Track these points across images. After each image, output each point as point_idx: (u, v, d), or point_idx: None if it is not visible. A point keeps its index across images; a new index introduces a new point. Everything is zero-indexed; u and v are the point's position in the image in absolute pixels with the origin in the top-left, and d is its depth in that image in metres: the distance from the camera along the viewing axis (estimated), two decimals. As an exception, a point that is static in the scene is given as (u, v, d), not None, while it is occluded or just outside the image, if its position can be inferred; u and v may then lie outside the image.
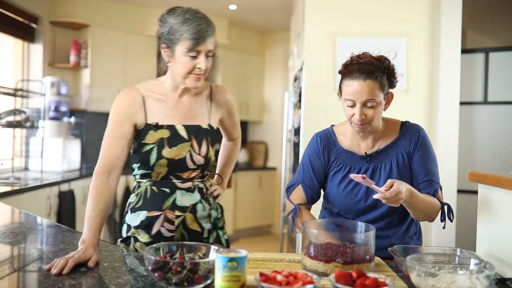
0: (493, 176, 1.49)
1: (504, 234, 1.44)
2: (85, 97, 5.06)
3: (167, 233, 1.61)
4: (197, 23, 1.52)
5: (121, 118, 1.60)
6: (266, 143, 6.66)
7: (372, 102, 1.51)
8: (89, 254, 1.35)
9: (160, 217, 1.60)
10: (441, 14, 3.31)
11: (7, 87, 4.14)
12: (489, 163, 3.39)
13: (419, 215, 1.57)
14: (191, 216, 1.63)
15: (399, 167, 1.61)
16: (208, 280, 1.12)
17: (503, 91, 3.43)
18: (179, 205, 1.61)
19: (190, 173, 1.64)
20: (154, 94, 1.65)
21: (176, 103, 1.65)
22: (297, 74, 3.99)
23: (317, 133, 1.73)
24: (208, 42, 1.54)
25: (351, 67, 1.55)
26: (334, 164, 1.66)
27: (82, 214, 4.24)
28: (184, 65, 1.55)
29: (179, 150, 1.60)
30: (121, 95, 1.65)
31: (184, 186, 1.63)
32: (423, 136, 1.64)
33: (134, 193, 1.68)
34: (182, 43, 1.53)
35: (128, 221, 1.66)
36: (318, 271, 1.23)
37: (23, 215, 2.19)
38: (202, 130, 1.65)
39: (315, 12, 3.44)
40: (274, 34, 6.63)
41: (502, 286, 1.25)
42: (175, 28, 1.54)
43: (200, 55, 1.54)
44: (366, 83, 1.50)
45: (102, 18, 5.15)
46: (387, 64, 1.56)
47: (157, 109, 1.63)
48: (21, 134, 4.46)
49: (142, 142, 1.59)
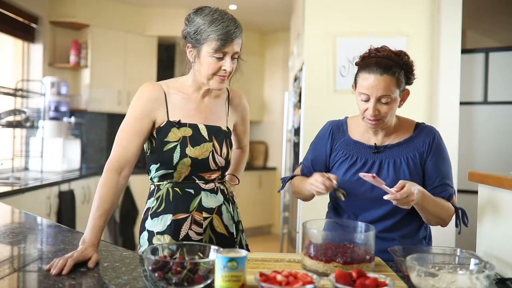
0: (493, 176, 1.49)
1: (504, 234, 1.44)
2: (85, 97, 5.06)
3: (195, 236, 1.56)
4: (225, 23, 1.50)
5: (142, 111, 1.55)
6: (266, 143, 6.66)
7: (387, 98, 1.47)
8: (88, 254, 1.34)
9: (187, 219, 1.56)
10: (441, 14, 3.31)
11: (7, 87, 4.14)
12: (489, 163, 3.39)
13: (431, 219, 1.53)
14: (218, 218, 1.60)
15: (409, 167, 1.55)
16: (208, 280, 1.12)
17: (503, 91, 3.43)
18: (205, 206, 1.59)
19: (211, 174, 1.61)
20: (177, 92, 1.62)
21: (198, 104, 1.63)
22: (297, 74, 3.99)
23: (330, 121, 1.71)
24: (235, 43, 1.51)
25: (368, 60, 1.50)
26: (340, 154, 1.62)
27: (82, 214, 4.25)
28: (209, 66, 1.52)
29: (202, 150, 1.58)
30: (144, 87, 1.59)
31: (208, 187, 1.61)
32: (438, 139, 1.59)
33: (154, 197, 1.60)
34: (209, 43, 1.50)
35: (150, 227, 1.59)
36: (318, 271, 1.23)
37: (23, 215, 2.19)
38: (221, 132, 1.64)
39: (315, 12, 3.44)
40: (274, 34, 6.63)
41: (502, 286, 1.25)
42: (203, 28, 1.51)
43: (226, 57, 1.52)
44: (382, 78, 1.45)
45: (102, 18, 5.15)
46: (406, 60, 1.51)
47: (179, 107, 1.60)
48: (21, 134, 4.46)
49: (164, 140, 1.55)
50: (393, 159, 1.56)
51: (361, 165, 1.57)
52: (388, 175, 1.54)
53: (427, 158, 1.56)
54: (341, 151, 1.62)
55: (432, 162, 1.56)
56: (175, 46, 6.04)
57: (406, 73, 1.51)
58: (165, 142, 1.56)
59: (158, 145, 1.57)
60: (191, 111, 1.61)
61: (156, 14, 5.51)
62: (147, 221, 1.60)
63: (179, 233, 1.56)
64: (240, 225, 1.73)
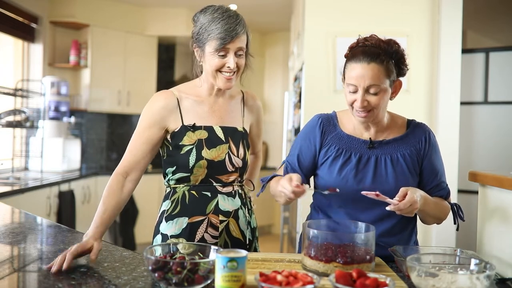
0: (493, 176, 1.48)
1: (504, 234, 1.44)
2: (85, 97, 5.06)
3: (211, 240, 1.55)
4: (224, 21, 1.50)
5: (151, 120, 1.56)
6: (266, 143, 6.66)
7: (376, 88, 1.39)
8: (88, 244, 1.34)
9: (203, 222, 1.55)
10: (441, 14, 3.31)
11: (7, 87, 4.14)
12: (489, 163, 3.39)
13: (429, 219, 1.51)
14: (234, 222, 1.59)
15: (407, 163, 1.49)
16: (208, 280, 1.12)
17: (503, 91, 3.43)
18: (222, 209, 1.57)
19: (229, 176, 1.60)
20: (189, 96, 1.62)
21: (212, 105, 1.63)
22: (297, 74, 3.99)
23: (318, 114, 1.62)
24: (236, 41, 1.51)
25: (356, 50, 1.44)
26: (333, 149, 1.52)
27: (82, 214, 4.25)
28: (213, 64, 1.53)
29: (218, 152, 1.57)
30: (156, 96, 1.61)
31: (225, 190, 1.59)
32: (433, 136, 1.55)
33: (169, 200, 1.60)
34: (210, 42, 1.51)
35: (164, 231, 1.58)
36: (318, 271, 1.23)
37: (23, 215, 2.19)
38: (238, 133, 1.63)
39: (315, 12, 3.43)
40: (274, 34, 6.63)
41: (502, 286, 1.25)
42: (204, 27, 1.52)
43: (229, 54, 1.52)
44: (369, 66, 1.38)
45: (102, 18, 5.15)
46: (396, 48, 1.43)
47: (193, 111, 1.60)
48: (21, 134, 4.46)
49: (180, 144, 1.56)
50: (389, 155, 1.50)
51: (356, 160, 1.49)
52: (386, 172, 1.48)
53: (424, 156, 1.52)
54: (333, 146, 1.53)
55: (429, 160, 1.52)
56: (175, 46, 6.04)
57: (397, 62, 1.43)
58: (180, 146, 1.56)
59: (174, 149, 1.57)
60: (205, 113, 1.61)
61: (156, 14, 5.51)
62: (161, 224, 1.59)
63: (194, 236, 1.55)
64: (256, 231, 1.72)
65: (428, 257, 1.24)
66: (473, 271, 1.17)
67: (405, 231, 1.53)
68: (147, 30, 5.49)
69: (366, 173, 1.48)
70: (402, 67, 1.45)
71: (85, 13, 5.00)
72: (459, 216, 1.51)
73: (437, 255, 1.26)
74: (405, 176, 1.48)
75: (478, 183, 1.60)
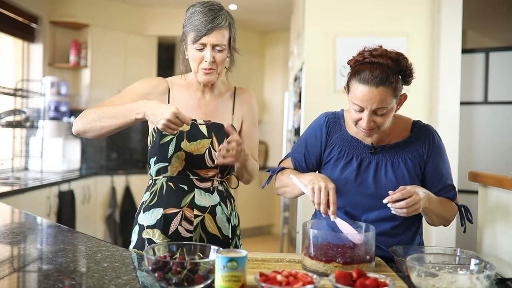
0: (493, 176, 1.49)
1: (504, 234, 1.44)
2: (85, 97, 5.07)
3: (185, 233, 1.56)
4: (202, 14, 1.53)
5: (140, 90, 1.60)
6: (266, 143, 6.66)
7: (382, 110, 1.37)
8: (172, 107, 1.39)
9: (177, 214, 1.56)
10: (441, 14, 3.31)
11: (7, 87, 4.14)
12: (489, 163, 3.39)
13: (436, 220, 1.48)
14: (210, 218, 1.59)
15: (408, 168, 1.48)
16: (208, 280, 1.12)
17: (503, 91, 3.43)
18: (198, 204, 1.58)
19: (208, 172, 1.60)
20: (180, 88, 1.66)
21: (199, 100, 1.65)
22: (297, 74, 3.99)
23: (326, 113, 1.60)
24: (213, 34, 1.52)
25: (362, 66, 1.38)
26: (335, 150, 1.53)
27: (82, 214, 4.24)
28: (192, 57, 1.57)
29: (197, 146, 1.58)
30: (150, 77, 1.66)
31: (203, 185, 1.60)
32: (437, 139, 1.53)
33: (148, 191, 1.63)
34: (189, 35, 1.56)
35: (141, 221, 1.60)
36: (318, 271, 1.23)
37: (23, 215, 2.19)
38: (224, 129, 1.60)
39: (315, 12, 3.44)
40: (274, 34, 6.63)
41: (502, 286, 1.25)
42: (186, 20, 1.58)
43: (206, 48, 1.54)
44: (378, 90, 1.34)
45: (102, 18, 5.15)
46: (405, 64, 1.38)
47: (180, 102, 1.62)
48: (21, 134, 4.46)
49: (162, 133, 1.58)
50: (390, 160, 1.49)
51: (357, 164, 1.49)
52: (387, 177, 1.47)
53: (427, 160, 1.50)
54: (337, 147, 1.53)
55: (434, 164, 1.50)
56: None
57: (404, 77, 1.40)
58: (163, 135, 1.58)
59: (157, 139, 1.60)
60: (191, 106, 1.63)
61: (156, 14, 5.51)
62: (139, 215, 1.62)
63: (168, 228, 1.56)
64: (238, 230, 1.71)
65: (428, 257, 1.24)
66: (473, 271, 1.17)
67: (407, 233, 1.52)
68: (147, 30, 5.49)
69: (366, 177, 1.49)
70: (408, 79, 1.42)
71: (85, 13, 5.00)
72: (467, 218, 1.50)
73: (437, 255, 1.26)
74: (405, 181, 1.47)
75: (478, 183, 1.60)
